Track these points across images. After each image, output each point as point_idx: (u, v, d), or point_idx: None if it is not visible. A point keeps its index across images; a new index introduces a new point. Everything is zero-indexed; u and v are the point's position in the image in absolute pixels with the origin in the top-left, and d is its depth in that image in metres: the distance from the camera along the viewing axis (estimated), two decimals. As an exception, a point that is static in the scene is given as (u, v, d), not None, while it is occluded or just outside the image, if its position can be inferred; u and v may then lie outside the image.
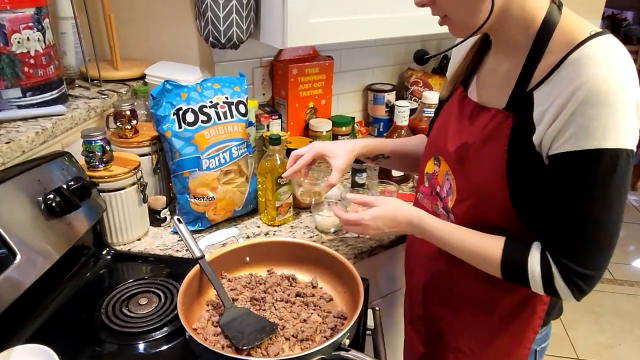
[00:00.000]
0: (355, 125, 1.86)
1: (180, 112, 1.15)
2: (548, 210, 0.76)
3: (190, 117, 1.16)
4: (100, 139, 1.05)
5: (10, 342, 0.84)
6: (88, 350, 0.86)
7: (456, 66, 0.94)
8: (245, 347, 0.81)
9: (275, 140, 1.20)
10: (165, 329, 0.91)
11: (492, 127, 0.80)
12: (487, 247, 0.82)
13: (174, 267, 1.08)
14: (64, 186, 0.94)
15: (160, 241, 1.18)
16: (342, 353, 0.75)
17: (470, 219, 0.86)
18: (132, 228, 1.16)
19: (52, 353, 0.79)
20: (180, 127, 1.15)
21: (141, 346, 0.88)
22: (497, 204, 0.81)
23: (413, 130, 1.52)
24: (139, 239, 1.18)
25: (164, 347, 0.88)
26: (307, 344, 0.85)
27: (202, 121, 1.17)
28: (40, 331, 0.89)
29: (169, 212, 1.25)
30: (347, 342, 0.79)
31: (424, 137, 1.14)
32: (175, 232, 1.21)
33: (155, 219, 1.23)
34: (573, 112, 0.68)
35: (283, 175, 1.11)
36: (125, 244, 1.16)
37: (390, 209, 0.91)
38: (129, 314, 0.93)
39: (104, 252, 1.11)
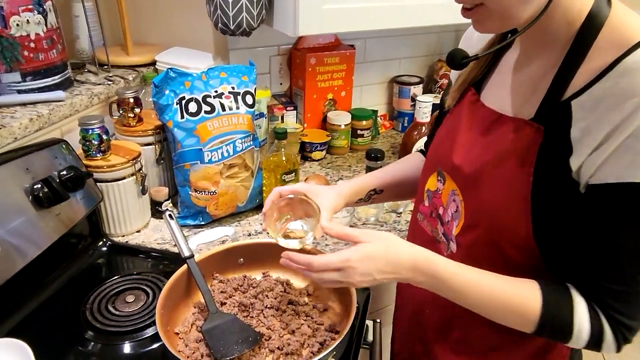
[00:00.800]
0: (378, 118, 1.77)
1: (183, 102, 1.10)
2: (582, 247, 0.62)
3: (192, 107, 1.11)
4: (97, 127, 1.02)
5: (-10, 334, 0.82)
6: (70, 348, 0.83)
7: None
8: (223, 358, 0.75)
9: (281, 135, 1.13)
10: (150, 329, 0.87)
11: (515, 142, 0.64)
12: (521, 299, 0.64)
13: (168, 263, 1.04)
14: (53, 176, 0.90)
15: (159, 234, 1.15)
16: (323, 375, 0.68)
17: (477, 251, 0.70)
18: (131, 219, 1.12)
19: (27, 348, 0.76)
20: (182, 117, 1.11)
21: (125, 346, 0.84)
22: (514, 235, 0.65)
23: (435, 127, 1.41)
24: (138, 231, 1.15)
25: (148, 349, 0.84)
26: (292, 358, 0.78)
27: (206, 112, 1.12)
28: (23, 324, 0.86)
29: (171, 205, 1.21)
30: (332, 361, 0.72)
31: (420, 156, 0.99)
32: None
33: (157, 210, 1.19)
34: (631, 135, 0.54)
35: (263, 213, 0.84)
36: (123, 236, 1.13)
37: (385, 247, 0.67)
38: (114, 311, 0.90)
39: (100, 243, 1.08)
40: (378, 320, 0.98)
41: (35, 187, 0.88)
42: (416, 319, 0.88)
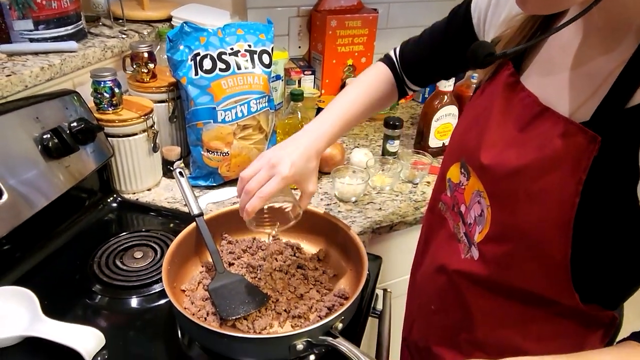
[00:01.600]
0: (398, 88, 1.71)
1: (198, 58, 1.07)
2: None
3: (207, 63, 1.07)
4: (109, 80, 0.99)
5: (-3, 282, 0.82)
6: (77, 300, 0.82)
7: (505, 29, 0.63)
8: (229, 318, 0.74)
9: (298, 96, 1.09)
10: (157, 285, 0.86)
11: (562, 150, 0.51)
12: None
13: (177, 222, 1.02)
14: (63, 127, 0.88)
15: (170, 193, 1.13)
16: (329, 339, 0.66)
17: (502, 270, 0.61)
18: (142, 177, 1.11)
19: (32, 296, 0.76)
20: (196, 74, 1.07)
21: (133, 301, 0.83)
22: (547, 261, 0.55)
23: (458, 97, 1.36)
24: (149, 189, 1.13)
25: (155, 304, 0.83)
26: (299, 321, 0.77)
27: (220, 69, 1.08)
28: (30, 274, 0.86)
29: (183, 165, 1.19)
30: (340, 326, 0.70)
31: (382, 70, 0.87)
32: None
33: (169, 170, 1.18)
34: None
35: (245, 220, 0.77)
36: (134, 193, 1.12)
37: None
38: (121, 266, 0.89)
39: (110, 199, 1.07)
40: (389, 290, 0.96)
41: (44, 136, 0.86)
42: (424, 314, 0.82)
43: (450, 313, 0.74)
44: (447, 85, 1.28)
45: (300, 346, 0.66)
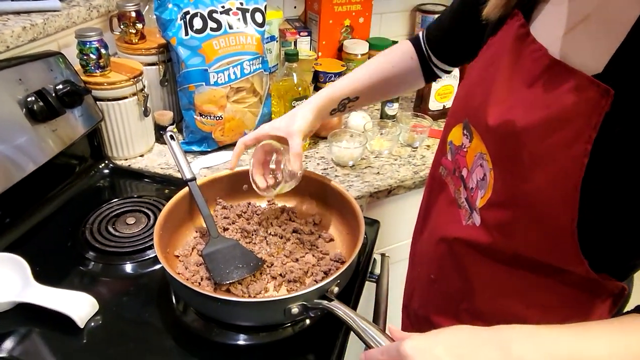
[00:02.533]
0: (397, 51, 1.66)
1: (188, 17, 1.02)
2: None
3: (197, 23, 1.02)
4: (95, 40, 0.95)
5: (-13, 248, 0.80)
6: (70, 267, 0.81)
7: None
8: (223, 282, 0.72)
9: (292, 56, 1.05)
10: (150, 251, 0.84)
11: (570, 107, 0.48)
12: None
13: (171, 188, 1.00)
14: (48, 89, 0.85)
15: (163, 159, 1.10)
16: (325, 303, 0.64)
17: (505, 237, 0.58)
18: (134, 143, 1.08)
19: (23, 263, 0.75)
20: (186, 34, 1.03)
21: (127, 267, 0.82)
22: (553, 227, 0.52)
23: (459, 58, 1.31)
24: (141, 155, 1.11)
25: (150, 269, 0.82)
26: (294, 285, 0.75)
27: (212, 29, 1.04)
28: (20, 241, 0.84)
29: (176, 130, 1.16)
30: (336, 290, 0.68)
31: (407, 47, 0.82)
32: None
33: (161, 135, 1.15)
34: None
35: (229, 168, 0.83)
36: (126, 159, 1.09)
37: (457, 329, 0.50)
38: (114, 232, 0.87)
39: (102, 165, 1.04)
40: (387, 255, 0.94)
41: (29, 99, 0.83)
42: (424, 282, 0.80)
43: (449, 282, 0.72)
44: (448, 45, 1.23)
45: (295, 310, 0.65)
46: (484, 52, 0.64)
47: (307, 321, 0.73)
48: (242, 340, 0.70)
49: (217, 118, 1.08)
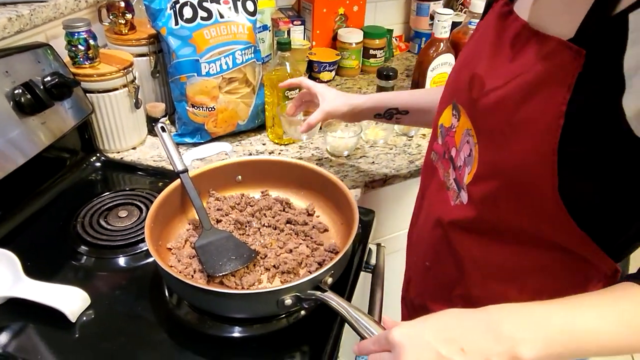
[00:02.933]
0: (393, 39, 1.65)
1: (177, 6, 1.00)
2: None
3: (187, 12, 1.01)
4: (83, 31, 0.93)
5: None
6: (63, 262, 0.80)
7: None
8: (216, 274, 0.72)
9: (284, 45, 1.03)
10: (143, 244, 0.83)
11: (544, 71, 0.49)
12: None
13: (164, 180, 0.99)
14: (36, 81, 0.84)
15: (156, 152, 1.09)
16: (318, 293, 0.64)
17: (491, 209, 0.58)
18: (125, 135, 1.06)
19: (14, 258, 0.74)
20: (177, 23, 1.01)
21: (120, 260, 0.81)
22: (536, 195, 0.52)
23: (455, 45, 1.30)
24: (133, 148, 1.10)
25: (143, 262, 0.81)
26: (288, 277, 0.75)
27: (202, 18, 1.02)
28: (11, 235, 0.83)
29: (168, 121, 1.15)
30: (330, 280, 0.68)
31: None
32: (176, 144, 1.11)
33: (153, 127, 1.13)
34: None
35: (280, 85, 0.97)
36: (118, 152, 1.08)
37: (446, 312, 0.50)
38: (106, 226, 0.86)
39: (93, 158, 1.03)
40: (383, 245, 0.93)
41: (16, 92, 0.81)
42: (419, 270, 0.80)
43: (443, 268, 0.72)
44: (442, 32, 1.22)
45: (288, 301, 0.64)
46: (472, 36, 0.66)
47: (302, 312, 0.73)
48: (236, 332, 0.70)
49: (210, 109, 1.07)
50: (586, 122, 0.47)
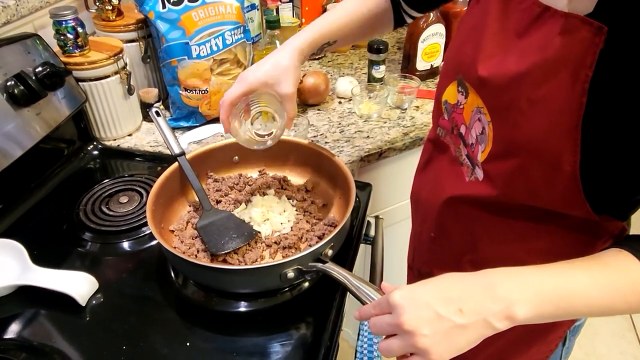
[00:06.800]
0: (382, 12, 1.63)
1: (164, -11, 1.00)
2: None
3: (174, -6, 1.00)
4: (71, 19, 0.93)
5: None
6: (69, 249, 0.81)
7: None
8: (219, 253, 0.73)
9: (273, 23, 1.03)
10: (146, 227, 0.85)
11: (565, 49, 0.48)
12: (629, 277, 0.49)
13: (162, 165, 1.00)
14: (27, 72, 0.84)
15: (152, 137, 1.10)
16: (319, 265, 0.66)
17: (509, 187, 0.58)
18: (120, 122, 1.07)
19: (21, 248, 0.75)
20: (164, 6, 1.00)
21: (124, 244, 0.83)
22: (556, 172, 0.52)
23: (445, 15, 1.29)
24: (129, 135, 1.10)
25: (147, 245, 0.82)
26: (289, 251, 0.77)
27: (189, 0, 1.01)
28: (15, 226, 0.85)
29: (162, 107, 1.15)
30: (330, 252, 0.70)
31: None
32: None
33: (148, 113, 1.13)
34: None
35: (224, 133, 0.81)
36: (114, 139, 1.08)
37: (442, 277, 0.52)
38: (108, 212, 0.87)
39: (90, 147, 1.04)
40: (381, 217, 0.95)
41: (8, 83, 0.81)
42: (424, 241, 0.82)
43: (450, 239, 0.74)
44: (432, 2, 1.21)
45: (291, 274, 0.66)
46: (472, 7, 0.64)
47: (306, 284, 0.75)
48: (242, 307, 0.72)
49: (203, 92, 1.07)
50: (610, 98, 0.47)
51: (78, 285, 0.71)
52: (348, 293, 0.66)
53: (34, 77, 0.85)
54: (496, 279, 0.49)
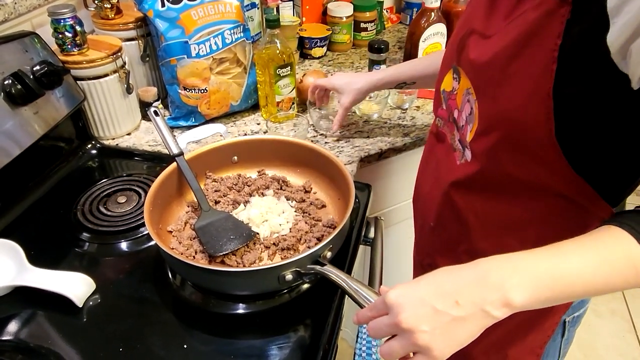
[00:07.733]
0: (384, 11, 1.62)
1: (163, -13, 0.99)
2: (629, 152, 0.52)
3: (173, -8, 0.99)
4: (69, 18, 0.92)
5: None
6: (66, 250, 0.81)
7: None
8: (217, 254, 0.73)
9: (273, 22, 1.02)
10: (144, 228, 0.84)
11: (535, 22, 0.51)
12: (618, 252, 0.49)
13: (161, 165, 0.99)
14: (25, 71, 0.83)
15: (151, 137, 1.09)
16: (317, 267, 0.65)
17: (493, 163, 0.60)
18: (119, 121, 1.06)
19: (17, 248, 0.75)
20: (163, 5, 1.00)
21: (122, 245, 0.82)
22: (534, 142, 0.54)
23: (446, 14, 1.28)
24: (128, 134, 1.09)
25: (145, 246, 0.82)
26: (288, 253, 0.76)
27: (188, -2, 1.01)
28: (12, 226, 0.84)
29: (161, 106, 1.14)
30: (329, 254, 0.69)
31: None
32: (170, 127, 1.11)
33: (147, 112, 1.13)
34: None
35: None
36: (113, 139, 1.08)
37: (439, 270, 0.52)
38: (106, 212, 0.87)
39: (89, 146, 1.03)
40: (381, 218, 0.94)
41: (6, 82, 0.81)
42: (425, 232, 0.83)
43: (447, 226, 0.74)
44: (433, 1, 1.20)
45: (289, 276, 0.66)
46: (469, 1, 0.68)
47: (304, 287, 0.74)
48: (240, 309, 0.71)
49: (202, 91, 1.07)
50: (577, 63, 0.49)
51: (75, 286, 0.71)
52: (347, 295, 0.65)
53: (31, 76, 0.84)
54: (488, 267, 0.49)
